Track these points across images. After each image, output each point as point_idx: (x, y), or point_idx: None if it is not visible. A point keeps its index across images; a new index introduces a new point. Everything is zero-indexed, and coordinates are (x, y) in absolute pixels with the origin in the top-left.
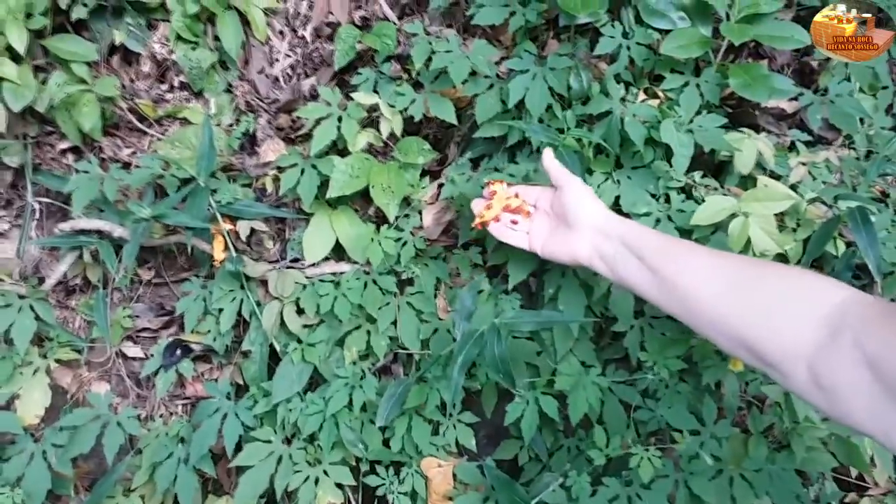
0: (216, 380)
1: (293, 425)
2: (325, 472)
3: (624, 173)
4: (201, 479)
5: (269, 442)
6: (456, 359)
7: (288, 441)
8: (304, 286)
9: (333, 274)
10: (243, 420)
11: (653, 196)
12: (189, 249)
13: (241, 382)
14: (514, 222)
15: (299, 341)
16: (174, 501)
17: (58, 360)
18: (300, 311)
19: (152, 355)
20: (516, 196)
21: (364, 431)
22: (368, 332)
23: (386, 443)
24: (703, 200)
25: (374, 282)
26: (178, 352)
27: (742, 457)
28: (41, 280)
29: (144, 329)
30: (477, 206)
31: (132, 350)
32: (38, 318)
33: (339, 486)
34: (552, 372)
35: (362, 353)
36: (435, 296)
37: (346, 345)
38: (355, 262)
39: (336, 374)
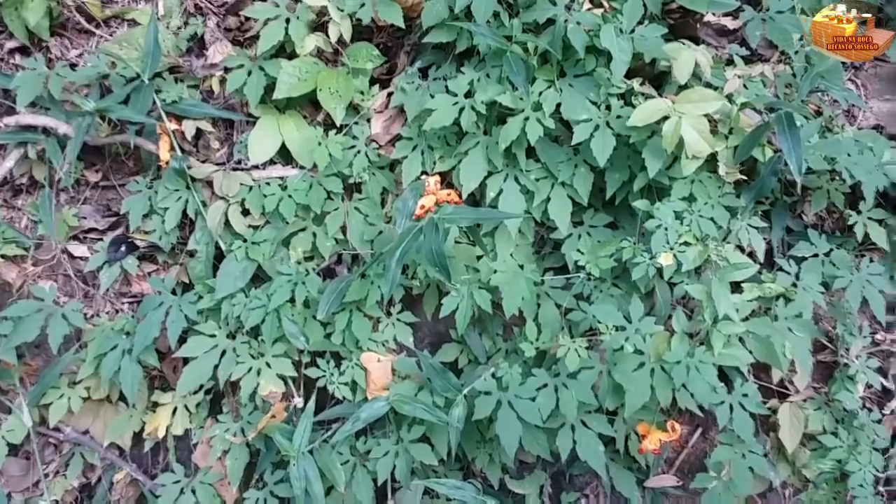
0: (162, 279)
1: (237, 320)
2: (268, 364)
3: (566, 81)
4: (148, 377)
5: (213, 336)
6: (394, 250)
7: (231, 336)
8: (250, 188)
9: (280, 178)
10: (188, 314)
11: (594, 104)
12: (133, 149)
13: (186, 281)
14: None
15: (244, 241)
16: (118, 394)
17: (3, 256)
18: (245, 212)
19: (98, 252)
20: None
21: (306, 326)
22: (314, 234)
23: (328, 337)
24: None
25: (320, 184)
26: (123, 248)
27: (665, 352)
28: None
29: (91, 230)
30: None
31: (78, 249)
32: None
33: (282, 377)
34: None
35: (307, 255)
36: (382, 203)
37: (292, 245)
38: (302, 167)
39: (279, 271)
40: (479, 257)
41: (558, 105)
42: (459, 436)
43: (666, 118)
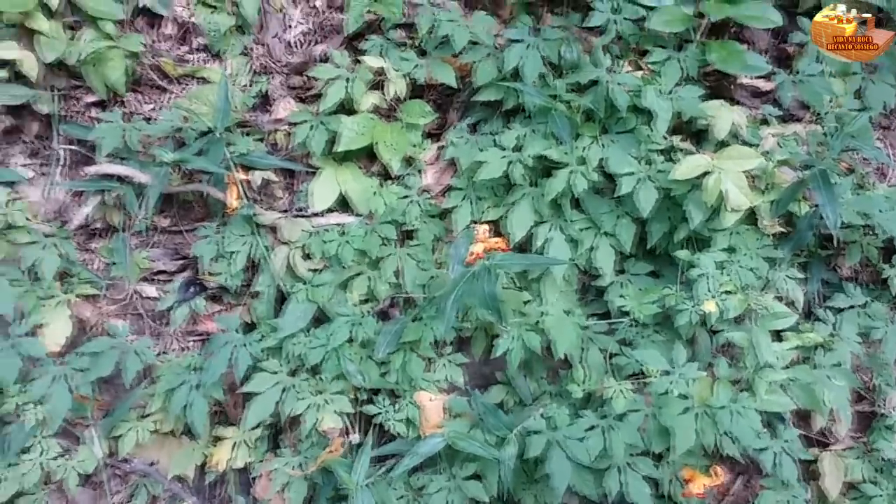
0: (226, 320)
1: (298, 358)
2: (327, 401)
3: (609, 137)
4: (210, 412)
5: (276, 374)
6: (449, 294)
7: (293, 374)
8: (311, 234)
9: (338, 225)
10: (252, 352)
11: (635, 159)
12: (202, 197)
13: (249, 322)
14: None
15: (305, 283)
16: (183, 428)
17: (79, 296)
18: (307, 256)
19: (167, 292)
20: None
21: (363, 365)
22: (370, 279)
23: (383, 376)
24: None
25: (375, 231)
26: (193, 289)
27: (708, 398)
28: (64, 223)
29: (160, 272)
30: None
31: (148, 290)
32: (61, 255)
33: (340, 414)
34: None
35: (363, 298)
36: (433, 250)
37: (349, 288)
38: (359, 216)
39: (339, 312)
40: (525, 302)
41: (601, 159)
42: (510, 474)
43: (707, 173)
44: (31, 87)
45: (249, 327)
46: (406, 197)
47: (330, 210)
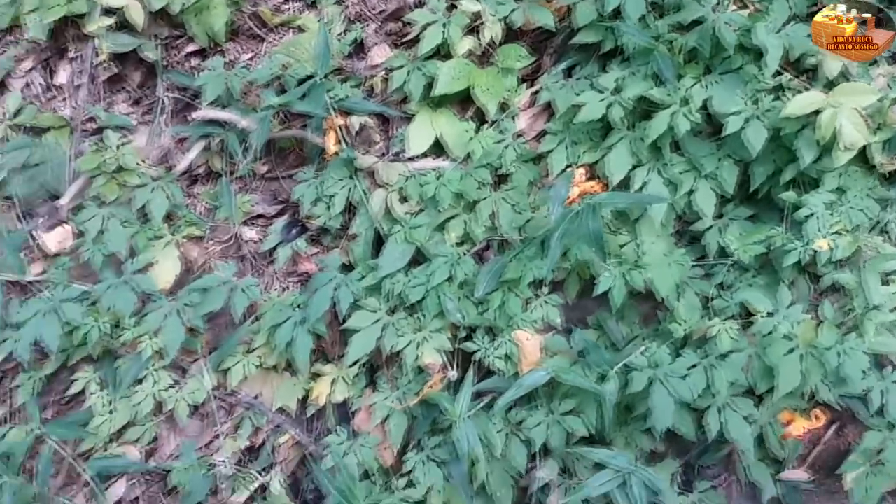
0: (327, 260)
1: (397, 297)
2: (426, 339)
3: (713, 78)
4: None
5: (375, 311)
6: (554, 232)
7: (391, 312)
8: (407, 177)
9: (434, 169)
10: (353, 291)
11: (741, 99)
12: (301, 144)
13: (346, 263)
14: None
15: (402, 225)
16: (286, 364)
17: (185, 237)
18: (403, 199)
19: (268, 235)
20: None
21: (461, 304)
22: (465, 221)
23: (481, 315)
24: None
25: (471, 174)
26: (294, 230)
27: (813, 339)
28: (169, 169)
29: (259, 216)
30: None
31: (249, 233)
32: (168, 198)
33: (439, 351)
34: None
35: (459, 241)
36: (528, 193)
37: (446, 230)
38: (454, 160)
39: (437, 252)
40: (621, 246)
41: (704, 100)
42: (611, 409)
43: (819, 111)
44: (136, 35)
45: (346, 268)
46: (501, 141)
47: (425, 154)
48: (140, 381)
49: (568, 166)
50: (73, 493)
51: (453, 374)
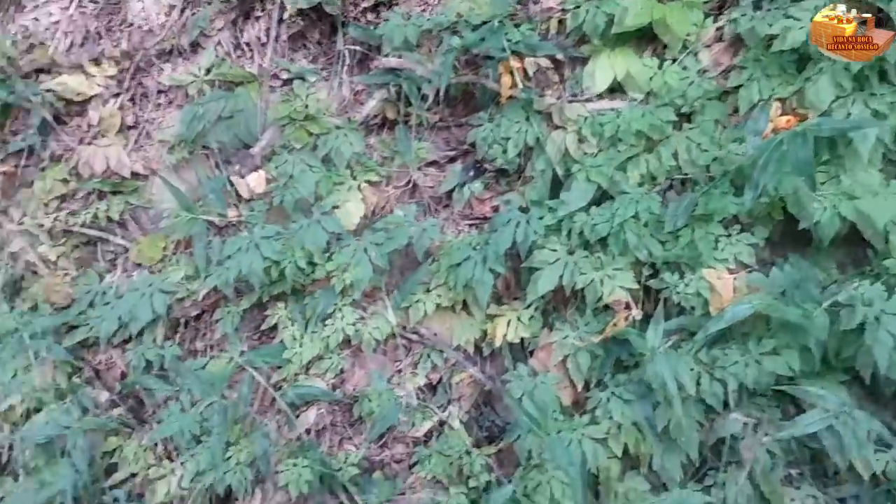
0: (507, 200)
1: (579, 235)
2: (609, 276)
3: None
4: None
5: (555, 250)
6: (757, 161)
7: (570, 252)
8: (586, 118)
9: (612, 109)
10: (535, 229)
11: None
12: (473, 91)
13: (521, 206)
14: None
15: (582, 165)
16: (462, 304)
17: (366, 181)
18: (581, 140)
19: (442, 180)
20: None
21: (647, 241)
22: (647, 160)
23: (668, 252)
24: None
25: (652, 113)
26: (472, 172)
27: None
28: (349, 119)
29: (433, 163)
30: None
31: (424, 180)
32: (351, 144)
33: (623, 288)
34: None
35: (641, 180)
36: (713, 131)
37: (628, 169)
38: (633, 99)
39: (622, 190)
40: (822, 183)
41: None
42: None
43: None
44: None
45: (521, 211)
46: (685, 78)
47: (601, 96)
48: (329, 317)
49: (760, 101)
50: (267, 418)
51: (637, 312)
